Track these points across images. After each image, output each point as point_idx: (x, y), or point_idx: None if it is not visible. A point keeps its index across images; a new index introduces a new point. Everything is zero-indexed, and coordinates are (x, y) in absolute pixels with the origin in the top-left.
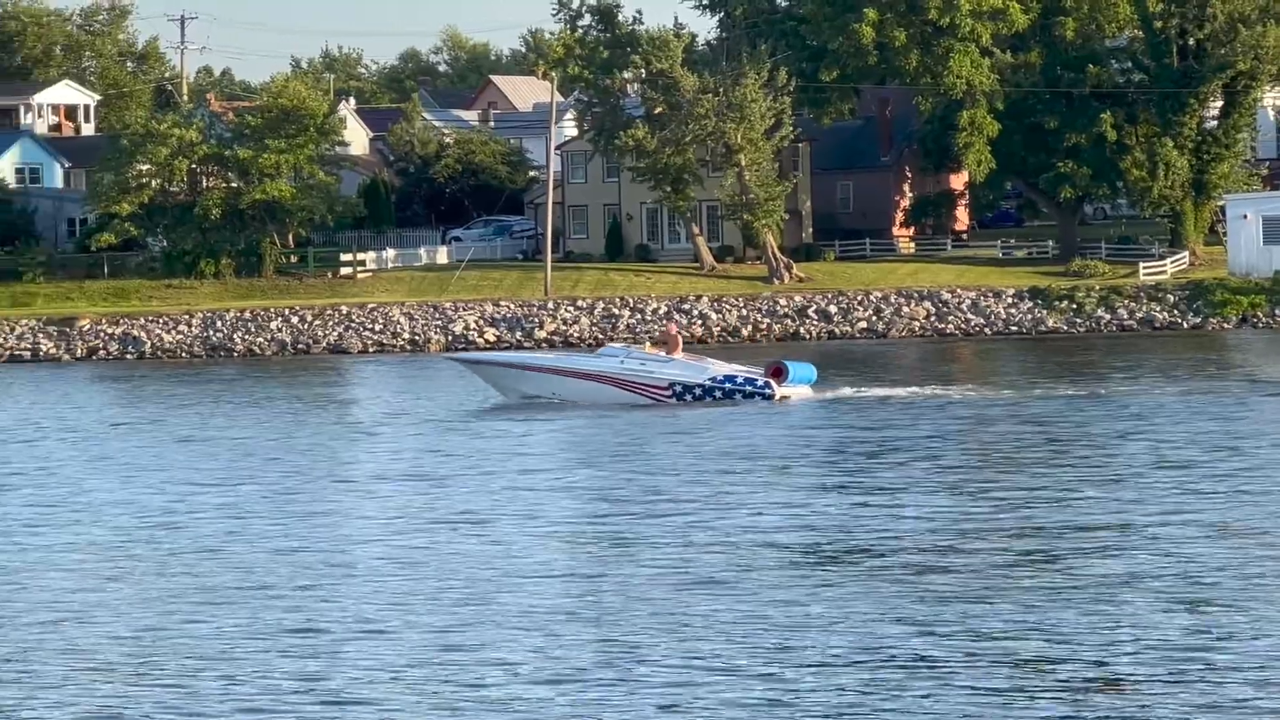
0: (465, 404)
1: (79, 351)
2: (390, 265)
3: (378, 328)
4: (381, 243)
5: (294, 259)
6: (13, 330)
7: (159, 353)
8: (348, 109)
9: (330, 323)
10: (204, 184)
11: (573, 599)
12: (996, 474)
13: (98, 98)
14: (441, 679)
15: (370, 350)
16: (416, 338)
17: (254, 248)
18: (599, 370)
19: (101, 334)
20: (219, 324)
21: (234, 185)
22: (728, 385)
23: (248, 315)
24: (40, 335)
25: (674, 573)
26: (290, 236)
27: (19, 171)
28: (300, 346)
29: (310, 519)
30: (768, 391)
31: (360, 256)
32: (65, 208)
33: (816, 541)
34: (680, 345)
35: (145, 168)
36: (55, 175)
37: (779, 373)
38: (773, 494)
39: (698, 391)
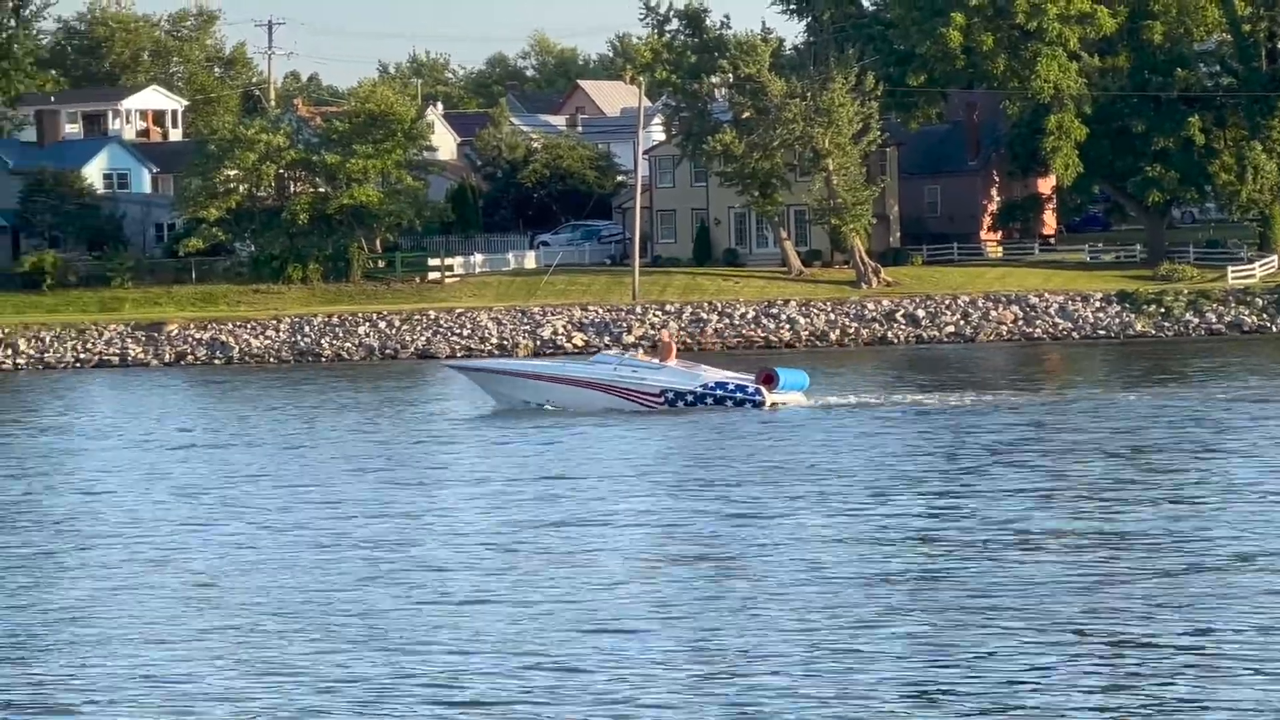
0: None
1: (167, 356)
2: (478, 270)
3: (465, 332)
4: (469, 247)
5: (382, 264)
6: (101, 335)
7: (247, 358)
8: (435, 114)
9: (418, 327)
10: (291, 189)
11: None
12: (1087, 477)
13: (185, 103)
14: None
15: (458, 355)
16: (504, 342)
17: (342, 252)
18: (592, 377)
19: (189, 339)
20: (306, 329)
21: (321, 190)
22: (719, 392)
23: (335, 320)
24: (129, 340)
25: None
26: (378, 241)
27: (107, 177)
28: (388, 351)
29: (452, 524)
30: (758, 399)
31: (448, 261)
32: (153, 213)
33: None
34: (674, 352)
35: (233, 173)
36: (143, 180)
37: (769, 380)
38: (885, 500)
39: (689, 398)
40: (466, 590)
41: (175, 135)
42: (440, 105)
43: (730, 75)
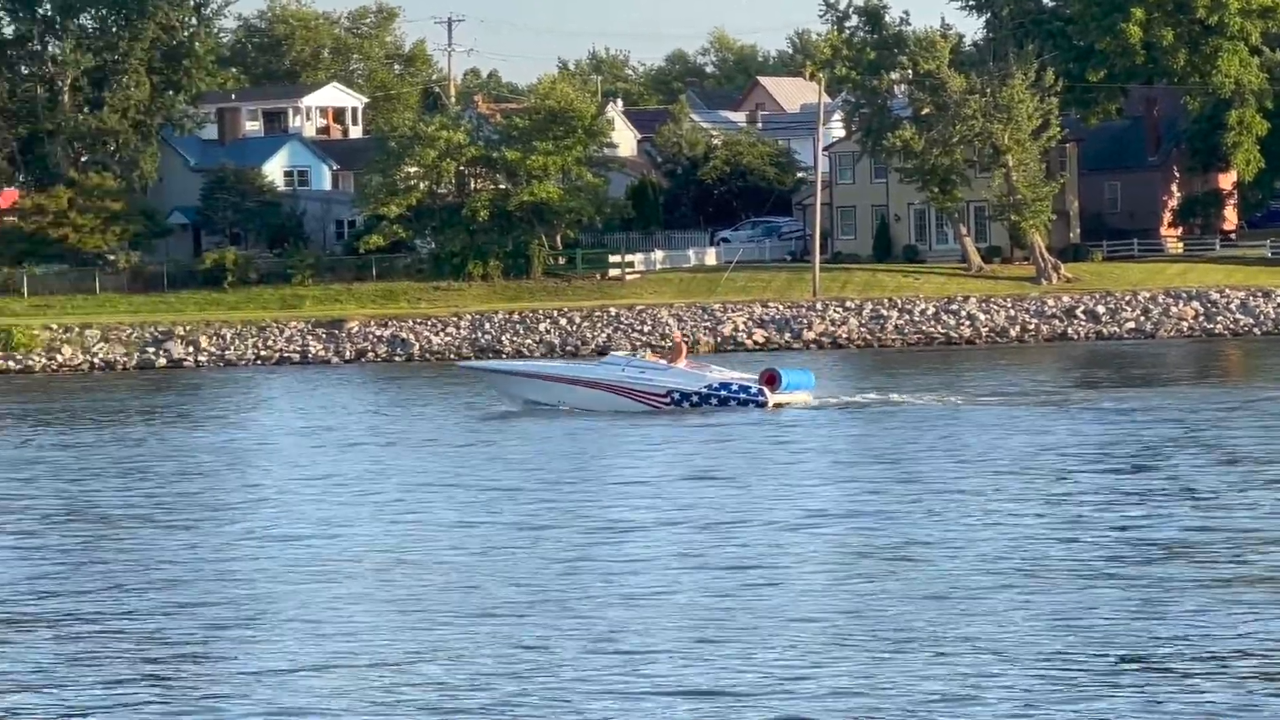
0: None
1: (348, 353)
2: (658, 266)
3: (646, 329)
4: (649, 244)
5: (562, 260)
6: (282, 332)
7: (427, 355)
8: (615, 111)
9: (599, 324)
10: (472, 186)
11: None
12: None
13: (365, 100)
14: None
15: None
16: (685, 339)
17: (522, 249)
18: (601, 378)
19: (370, 336)
20: (487, 326)
21: (502, 187)
22: (723, 393)
23: (516, 317)
24: (309, 337)
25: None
26: (558, 238)
27: (288, 174)
28: (568, 348)
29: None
30: (760, 399)
31: (628, 258)
32: (333, 210)
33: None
34: (685, 353)
35: (413, 170)
36: (323, 178)
37: (772, 380)
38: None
39: (694, 399)
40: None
41: (355, 132)
42: (620, 102)
43: (910, 71)
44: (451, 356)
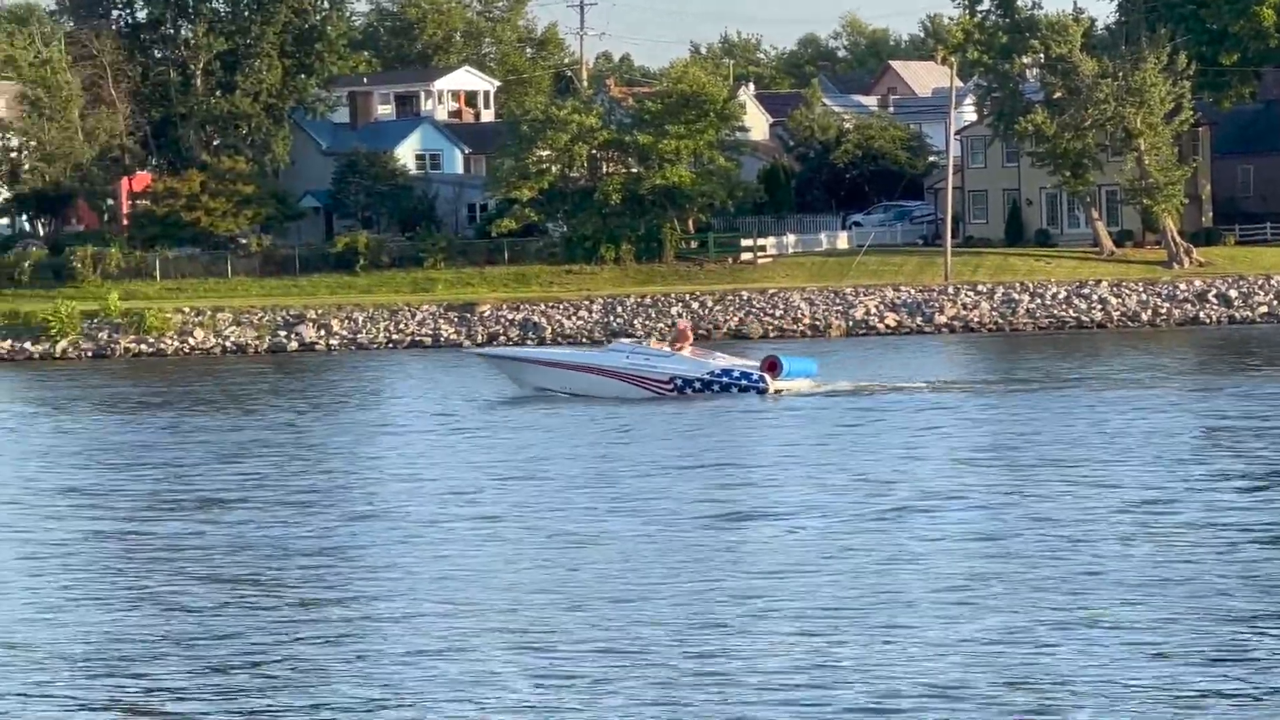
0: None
1: (479, 337)
2: (790, 250)
3: (778, 313)
4: (781, 228)
5: (694, 244)
6: (414, 316)
7: (559, 338)
8: (747, 95)
9: (730, 308)
10: (604, 169)
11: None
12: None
13: (497, 84)
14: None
15: (771, 335)
16: (817, 323)
17: (654, 233)
18: (605, 365)
19: (501, 319)
20: (619, 309)
21: (634, 171)
22: (724, 379)
23: (648, 300)
24: (441, 321)
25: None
26: (690, 222)
27: (420, 158)
28: (700, 332)
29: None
30: (761, 385)
31: (760, 241)
32: (465, 193)
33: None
34: (690, 340)
35: (545, 153)
36: (455, 161)
37: (774, 367)
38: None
39: (697, 385)
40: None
41: (487, 116)
42: (752, 86)
43: (1041, 55)
44: (583, 340)
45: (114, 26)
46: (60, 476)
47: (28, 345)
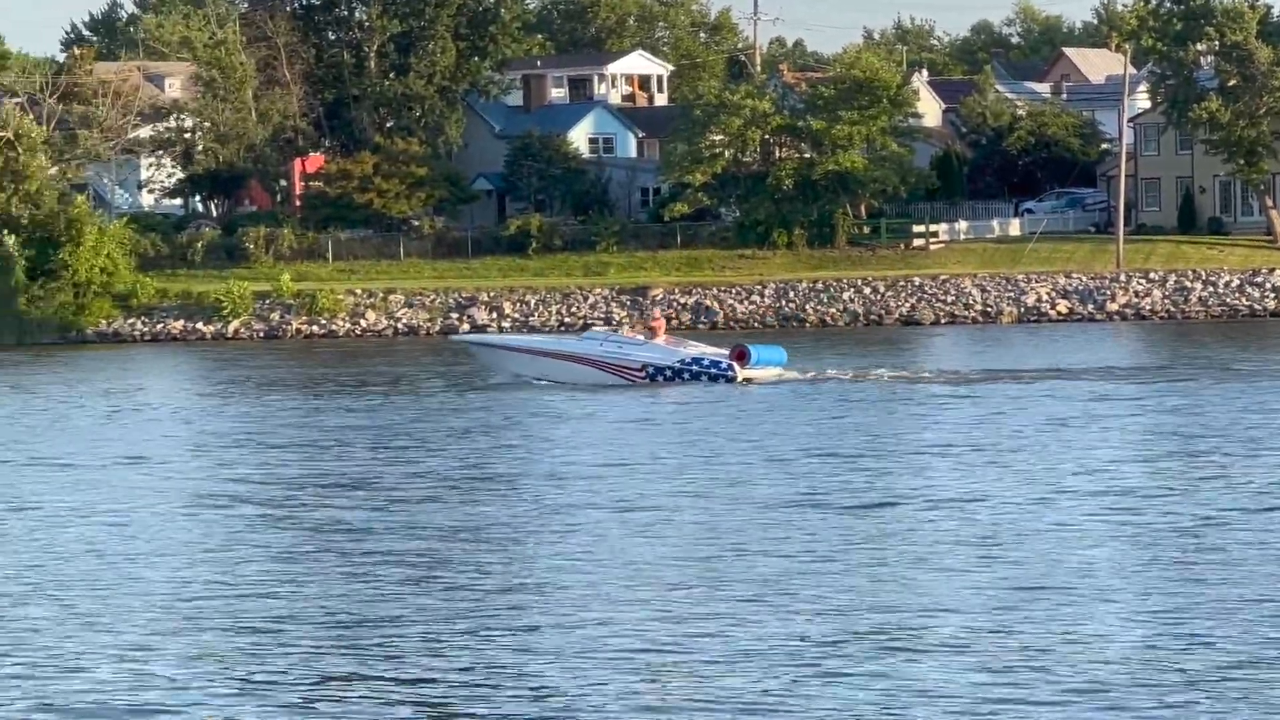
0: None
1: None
2: (962, 237)
3: (949, 299)
4: (953, 214)
5: (866, 230)
6: (586, 299)
7: (731, 323)
8: (920, 81)
9: (902, 294)
10: (777, 154)
11: None
12: None
13: (670, 68)
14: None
15: (941, 321)
16: (988, 309)
17: (826, 218)
18: (579, 352)
19: (674, 303)
20: (791, 294)
21: (806, 156)
22: (695, 368)
23: (819, 286)
24: (613, 304)
25: None
26: (862, 207)
27: (593, 141)
28: (872, 317)
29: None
30: (730, 374)
31: (932, 228)
32: (638, 177)
33: None
34: (663, 330)
35: (718, 138)
36: (628, 145)
37: (742, 356)
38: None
39: (668, 373)
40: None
41: (660, 100)
42: (925, 72)
43: (1216, 43)
44: (755, 325)
45: (288, 8)
46: (247, 459)
47: (200, 325)
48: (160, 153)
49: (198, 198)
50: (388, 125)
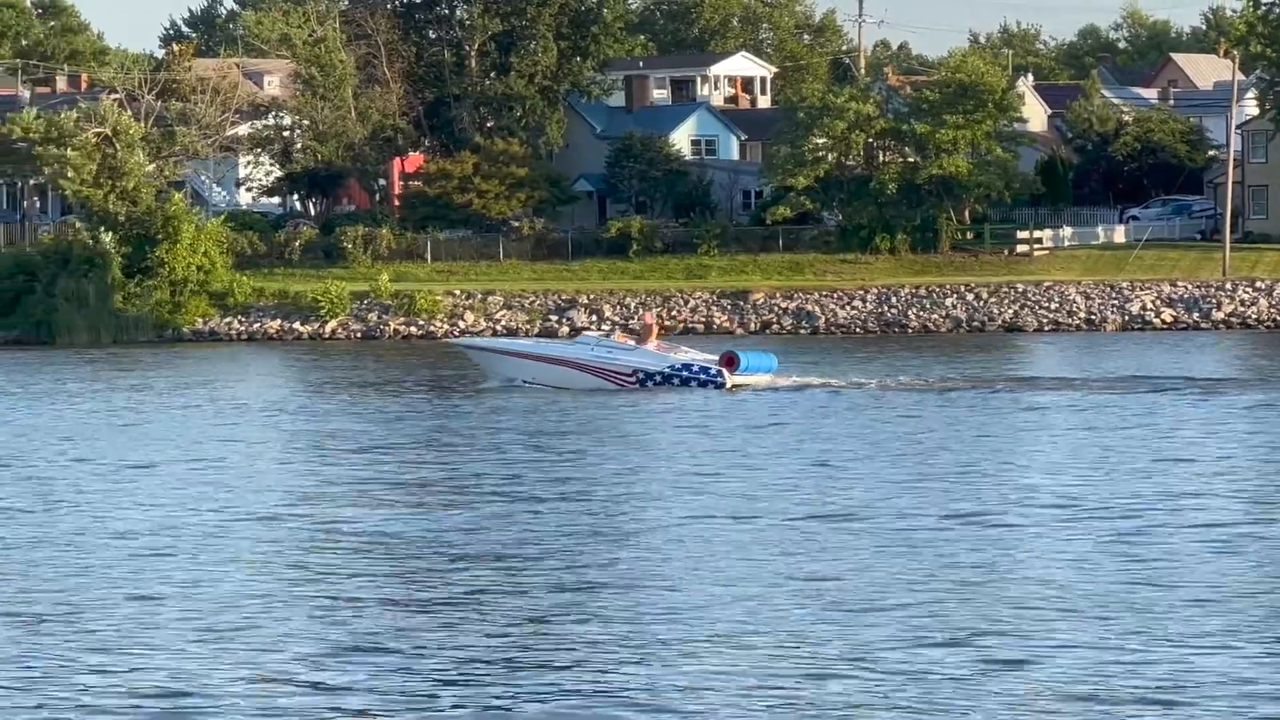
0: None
1: (752, 325)
2: (1066, 243)
3: (1053, 306)
4: (1058, 220)
5: (970, 235)
6: (686, 303)
7: (832, 328)
8: (1026, 85)
9: (1005, 300)
10: (880, 158)
11: None
12: None
13: (773, 70)
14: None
15: (1045, 329)
16: (1092, 316)
17: (930, 223)
18: (570, 357)
19: (775, 308)
20: (893, 300)
21: (910, 160)
22: (684, 373)
23: (922, 291)
24: (714, 308)
25: None
26: (966, 212)
27: (695, 143)
28: (974, 324)
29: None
30: (719, 380)
31: (1036, 234)
32: (740, 180)
33: None
34: (655, 334)
35: (821, 141)
36: (731, 147)
37: (731, 362)
38: None
39: (658, 378)
40: None
41: (763, 102)
42: (1031, 76)
43: None
44: (856, 331)
45: (389, 6)
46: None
47: (297, 325)
48: (258, 150)
49: (295, 196)
50: (488, 125)
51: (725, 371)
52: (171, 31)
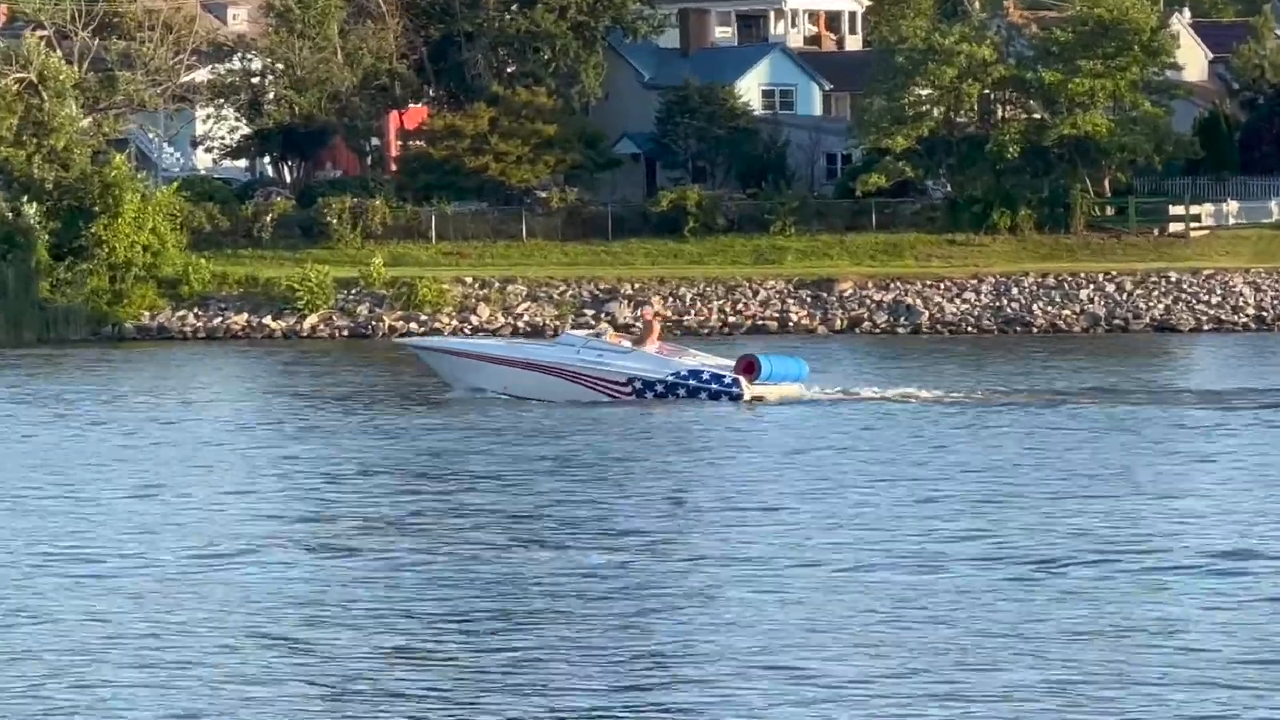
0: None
1: (838, 322)
2: (1231, 221)
3: (1214, 300)
4: (1221, 192)
5: (1110, 211)
6: (756, 294)
7: (938, 325)
8: (1181, 23)
9: (1154, 292)
10: (999, 114)
11: None
12: None
13: (866, 3)
14: None
15: (1204, 327)
16: (1263, 313)
17: (1060, 196)
18: (551, 362)
19: (866, 301)
20: (1014, 291)
21: (1036, 117)
22: (692, 382)
23: (1051, 281)
24: (790, 300)
25: None
26: (1106, 183)
27: (767, 94)
28: (1116, 321)
29: None
30: (735, 390)
31: (1194, 210)
32: (823, 141)
33: None
34: (656, 333)
35: (925, 93)
36: (812, 100)
37: (750, 368)
38: None
39: (659, 388)
40: None
41: (852, 44)
42: (1188, 13)
43: None
44: (968, 329)
45: None
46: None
47: (268, 320)
48: (221, 101)
49: (267, 159)
50: (508, 71)
51: (742, 380)
52: None
